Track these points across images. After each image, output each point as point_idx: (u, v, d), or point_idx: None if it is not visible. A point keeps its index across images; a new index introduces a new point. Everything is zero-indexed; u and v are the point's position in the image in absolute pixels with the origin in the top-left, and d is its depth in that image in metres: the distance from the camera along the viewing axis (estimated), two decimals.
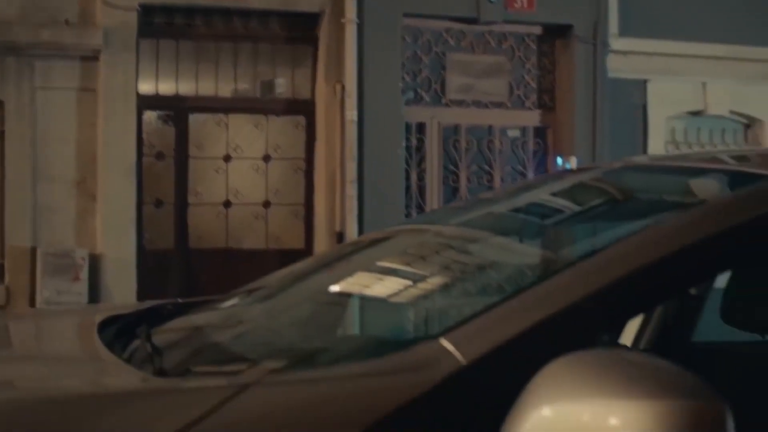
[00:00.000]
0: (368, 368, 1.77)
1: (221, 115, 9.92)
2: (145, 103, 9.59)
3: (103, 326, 2.46)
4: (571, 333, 1.76)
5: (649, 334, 3.44)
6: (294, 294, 2.64)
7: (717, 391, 1.54)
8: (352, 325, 2.53)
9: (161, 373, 1.97)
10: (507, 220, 2.70)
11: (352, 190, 9.61)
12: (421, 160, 10.21)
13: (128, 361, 2.12)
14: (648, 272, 1.84)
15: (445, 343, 1.74)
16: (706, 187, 2.37)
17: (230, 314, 2.63)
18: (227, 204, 9.91)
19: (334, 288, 2.66)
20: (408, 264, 2.58)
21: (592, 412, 1.53)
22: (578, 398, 1.55)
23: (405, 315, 2.35)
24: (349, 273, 2.71)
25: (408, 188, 10.08)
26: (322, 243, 9.64)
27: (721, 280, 3.18)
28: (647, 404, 1.51)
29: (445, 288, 2.35)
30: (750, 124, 11.79)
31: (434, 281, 2.39)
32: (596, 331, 1.82)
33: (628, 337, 3.43)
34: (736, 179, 2.26)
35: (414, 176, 10.15)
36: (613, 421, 1.52)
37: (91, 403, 1.75)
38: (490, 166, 10.51)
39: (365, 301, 2.53)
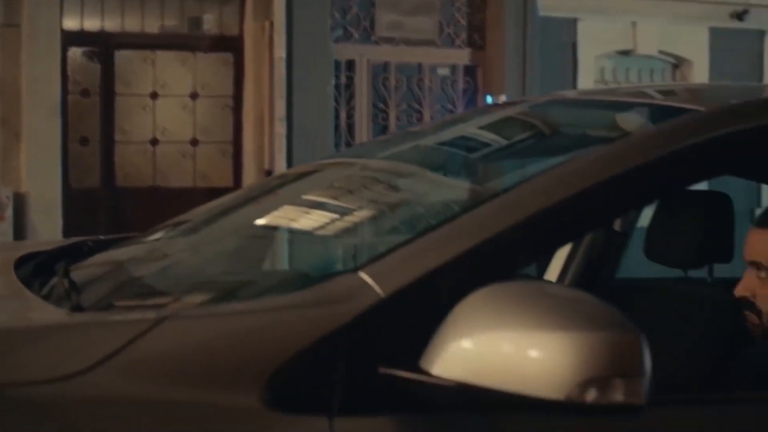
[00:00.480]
0: (287, 301, 1.74)
1: (148, 52, 9.78)
2: (70, 39, 9.41)
3: (21, 264, 2.42)
4: (492, 265, 1.75)
5: (575, 269, 3.45)
6: (218, 228, 2.60)
7: (635, 323, 1.53)
8: (274, 258, 2.51)
9: (78, 308, 1.93)
10: (433, 153, 2.68)
11: (280, 128, 9.55)
12: (351, 98, 10.16)
13: (46, 297, 2.08)
14: (571, 204, 1.83)
15: (364, 276, 1.72)
16: (631, 121, 2.36)
17: (152, 249, 2.59)
18: (154, 142, 9.81)
19: (259, 221, 2.64)
20: (333, 197, 2.55)
21: (512, 343, 1.52)
22: (498, 330, 1.54)
23: (328, 248, 2.34)
24: (275, 207, 2.68)
25: (337, 126, 10.03)
26: (250, 181, 9.58)
27: (645, 218, 3.21)
28: (567, 336, 1.50)
29: (368, 221, 2.33)
30: (678, 64, 11.86)
31: (358, 215, 2.38)
32: (518, 263, 1.80)
33: (553, 272, 3.45)
34: (661, 113, 2.26)
35: (343, 114, 10.10)
36: (533, 352, 1.51)
37: (3, 338, 1.70)
38: (420, 105, 10.48)
39: (289, 234, 2.51)
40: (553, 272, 3.46)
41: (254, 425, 1.60)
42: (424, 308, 1.68)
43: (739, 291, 2.36)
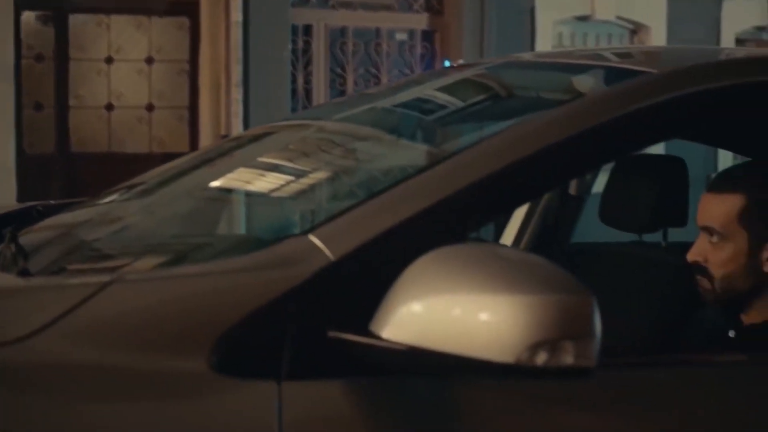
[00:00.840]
0: (235, 265, 1.72)
1: (102, 16, 9.65)
2: (24, 3, 9.27)
3: None
4: (444, 227, 1.74)
5: (530, 234, 3.46)
6: (171, 191, 2.57)
7: (586, 285, 1.52)
8: (227, 221, 2.48)
9: (26, 273, 1.89)
10: (389, 115, 2.66)
11: (237, 93, 9.49)
12: (308, 63, 10.10)
13: None
14: (524, 166, 1.81)
15: (314, 239, 1.70)
16: (586, 83, 2.36)
17: (103, 212, 2.55)
18: (109, 107, 9.71)
19: (211, 184, 2.61)
20: (287, 160, 2.53)
21: (462, 306, 1.51)
22: (449, 293, 1.52)
23: (281, 211, 2.32)
24: (228, 169, 2.66)
25: (294, 91, 9.97)
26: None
27: (601, 183, 3.21)
28: (517, 298, 1.49)
29: (322, 184, 2.31)
30: (636, 29, 11.88)
31: (312, 177, 2.35)
32: (470, 225, 1.79)
33: (509, 236, 3.45)
34: (616, 75, 2.25)
35: (300, 79, 10.04)
36: (483, 315, 1.50)
37: None
38: (378, 70, 10.44)
39: (242, 197, 2.49)
40: (508, 236, 3.47)
41: (201, 390, 1.58)
42: (375, 271, 1.66)
43: (691, 256, 2.36)
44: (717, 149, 7.70)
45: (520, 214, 3.45)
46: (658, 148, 8.57)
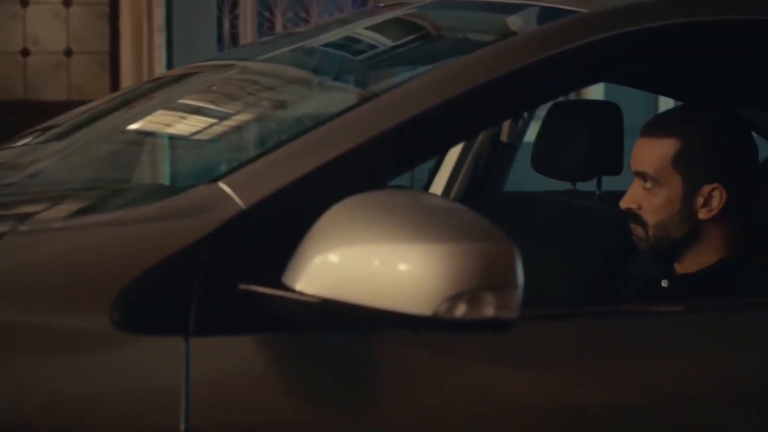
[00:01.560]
0: (140, 214, 1.66)
1: None
2: None
3: None
4: (362, 173, 1.69)
5: (461, 182, 3.43)
6: (86, 134, 2.50)
7: (507, 234, 1.48)
8: (142, 167, 2.41)
9: None
10: (315, 55, 2.60)
11: (159, 38, 9.35)
12: (234, 6, 9.96)
13: None
14: (448, 108, 1.78)
15: (224, 186, 1.65)
16: (518, 22, 2.32)
17: (13, 157, 2.48)
18: (25, 52, 9.54)
19: (128, 127, 2.54)
20: (207, 102, 2.46)
21: (378, 257, 1.47)
22: (364, 242, 1.48)
23: (197, 157, 2.27)
24: (146, 112, 2.58)
25: (220, 36, 9.84)
26: None
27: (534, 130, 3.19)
28: (434, 247, 1.44)
29: (240, 128, 2.25)
30: None
31: (231, 121, 2.30)
32: (390, 171, 1.73)
33: (438, 185, 3.42)
34: (547, 14, 2.22)
35: (226, 24, 9.91)
36: (400, 266, 1.45)
37: None
38: (307, 14, 10.32)
39: (158, 141, 2.42)
40: (438, 185, 3.44)
41: (102, 348, 1.53)
42: (289, 220, 1.62)
43: (625, 202, 2.34)
44: (658, 96, 7.72)
45: (450, 162, 3.43)
46: (597, 94, 8.56)
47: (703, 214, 2.28)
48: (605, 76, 2.13)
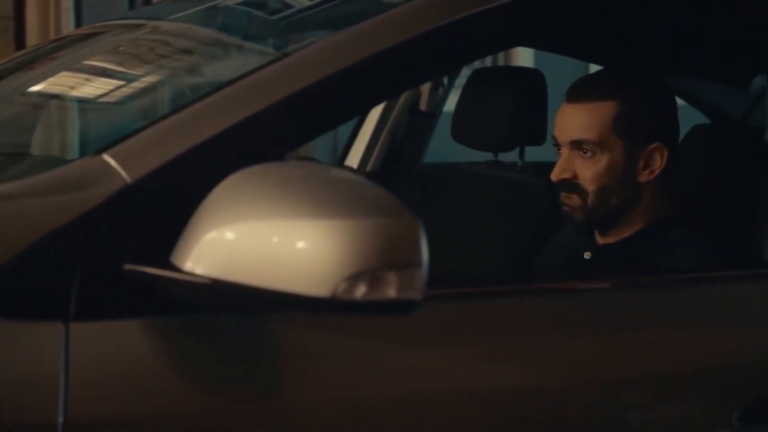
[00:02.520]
0: (18, 188, 1.58)
1: None
2: None
3: None
4: (260, 144, 1.63)
5: (378, 154, 3.40)
6: None
7: (411, 209, 1.42)
8: (39, 134, 2.31)
9: None
10: (230, 15, 2.49)
11: (68, 2, 9.21)
12: None
13: None
14: (352, 74, 1.71)
15: (109, 158, 1.57)
16: None
17: None
18: None
19: (28, 89, 2.48)
20: (113, 64, 2.38)
21: (272, 234, 1.40)
22: (258, 219, 1.41)
23: (94, 124, 2.20)
24: (47, 73, 2.50)
25: (132, 0, 9.73)
26: None
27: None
28: (331, 224, 1.38)
29: (142, 93, 2.18)
30: None
31: (134, 85, 2.22)
32: (290, 142, 1.67)
33: (354, 157, 3.37)
34: None
35: None
36: (296, 244, 1.39)
37: None
38: None
39: (55, 106, 2.34)
40: (354, 156, 3.40)
41: None
42: (179, 195, 1.55)
43: (558, 174, 2.28)
44: (588, 64, 7.72)
45: (367, 131, 3.41)
46: (527, 62, 8.53)
47: (644, 177, 2.27)
48: (521, 40, 2.08)
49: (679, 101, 2.50)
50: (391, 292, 1.38)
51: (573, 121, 2.29)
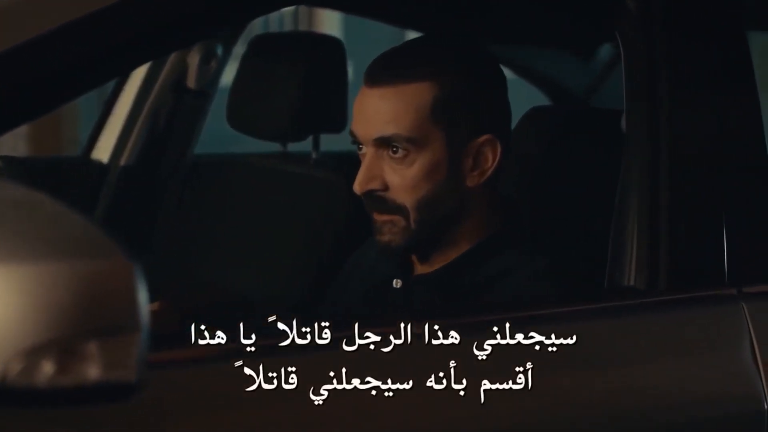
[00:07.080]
0: None
1: None
2: None
3: None
4: None
5: (134, 144, 3.24)
6: None
7: (122, 243, 1.12)
8: None
9: None
10: None
11: None
12: None
13: None
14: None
15: None
16: None
17: None
18: None
19: None
20: None
21: None
22: None
23: None
24: None
25: None
26: None
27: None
28: (4, 270, 1.07)
29: None
30: None
31: None
32: None
33: (104, 148, 3.22)
34: None
35: None
36: None
37: None
38: None
39: None
40: (104, 148, 3.24)
41: None
42: None
43: (362, 184, 1.97)
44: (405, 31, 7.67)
45: (120, 116, 3.24)
46: (333, 30, 8.52)
47: (472, 180, 1.98)
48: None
49: (509, 75, 2.27)
50: (92, 371, 1.07)
51: (377, 112, 1.98)
